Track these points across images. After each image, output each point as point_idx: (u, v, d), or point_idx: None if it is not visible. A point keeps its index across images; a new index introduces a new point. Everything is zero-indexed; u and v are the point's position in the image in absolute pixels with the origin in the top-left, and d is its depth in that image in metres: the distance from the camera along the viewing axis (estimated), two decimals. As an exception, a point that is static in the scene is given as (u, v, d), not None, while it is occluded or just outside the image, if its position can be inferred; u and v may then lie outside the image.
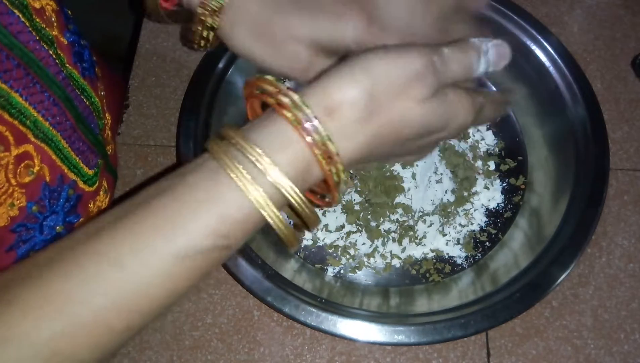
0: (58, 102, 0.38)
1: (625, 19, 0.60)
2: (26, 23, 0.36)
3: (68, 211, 0.40)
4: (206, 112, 0.50)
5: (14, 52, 0.34)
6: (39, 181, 0.36)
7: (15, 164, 0.34)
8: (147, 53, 0.58)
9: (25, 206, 0.36)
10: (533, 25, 0.53)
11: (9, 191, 0.34)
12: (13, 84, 0.34)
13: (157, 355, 0.46)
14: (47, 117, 0.37)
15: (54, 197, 0.38)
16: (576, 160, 0.48)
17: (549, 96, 0.52)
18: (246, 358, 0.46)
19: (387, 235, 0.49)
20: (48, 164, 0.37)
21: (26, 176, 0.35)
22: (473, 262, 0.49)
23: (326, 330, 0.42)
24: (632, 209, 0.51)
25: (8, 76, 0.33)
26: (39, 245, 0.38)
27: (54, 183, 0.38)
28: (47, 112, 0.37)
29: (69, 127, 0.39)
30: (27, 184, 0.35)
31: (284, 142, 0.27)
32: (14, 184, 0.34)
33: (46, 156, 0.37)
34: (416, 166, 0.49)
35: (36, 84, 0.36)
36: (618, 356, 0.45)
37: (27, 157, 0.35)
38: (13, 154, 0.34)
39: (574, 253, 0.44)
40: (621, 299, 0.47)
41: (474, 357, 0.45)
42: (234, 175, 0.26)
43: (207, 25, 0.36)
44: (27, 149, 0.35)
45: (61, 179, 0.39)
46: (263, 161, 0.26)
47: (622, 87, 0.56)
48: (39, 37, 0.37)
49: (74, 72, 0.42)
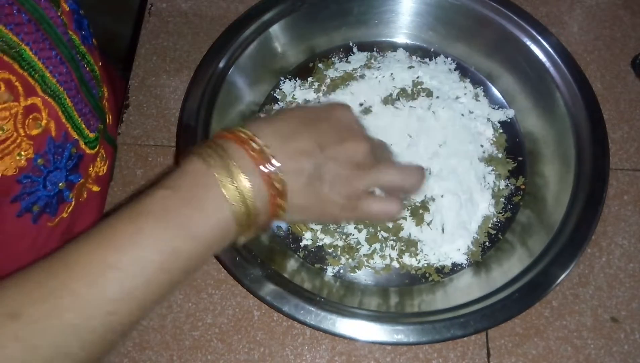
0: (64, 62, 0.40)
1: (625, 19, 0.60)
2: None
3: (70, 169, 0.42)
4: (206, 112, 0.50)
5: (25, 7, 0.35)
6: (45, 134, 0.38)
7: (24, 115, 0.36)
8: (147, 53, 0.58)
9: (32, 157, 0.37)
10: (533, 26, 0.53)
11: (17, 141, 0.35)
12: (24, 37, 0.35)
13: (157, 355, 0.46)
14: (55, 74, 0.38)
15: (58, 152, 0.40)
16: (576, 160, 0.48)
17: (549, 96, 0.52)
18: (246, 358, 0.46)
19: (385, 241, 0.49)
20: (54, 119, 0.39)
21: (34, 128, 0.37)
22: (473, 262, 0.49)
23: (326, 330, 0.42)
24: (632, 209, 0.51)
25: (19, 29, 0.35)
26: (42, 200, 0.40)
27: (59, 138, 0.39)
28: (54, 69, 0.38)
29: (73, 87, 0.41)
30: (34, 137, 0.37)
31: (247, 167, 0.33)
32: (23, 135, 0.36)
33: (53, 111, 0.38)
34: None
35: (45, 41, 0.37)
36: (618, 356, 0.45)
37: (35, 109, 0.37)
38: (22, 105, 0.35)
39: (574, 253, 0.44)
40: (621, 299, 0.47)
41: (473, 356, 0.45)
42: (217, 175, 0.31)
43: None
44: (35, 102, 0.37)
45: (65, 137, 0.40)
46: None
47: (622, 87, 0.56)
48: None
49: (75, 37, 0.43)
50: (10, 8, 0.34)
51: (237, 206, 0.31)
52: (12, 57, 0.34)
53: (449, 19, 0.56)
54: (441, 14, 0.56)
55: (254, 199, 0.32)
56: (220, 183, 0.31)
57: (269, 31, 0.54)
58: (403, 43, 0.59)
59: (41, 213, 0.41)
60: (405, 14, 0.57)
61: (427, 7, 0.56)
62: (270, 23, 0.54)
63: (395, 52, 0.58)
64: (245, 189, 0.32)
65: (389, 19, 0.58)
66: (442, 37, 0.58)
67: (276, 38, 0.55)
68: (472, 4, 0.54)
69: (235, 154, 0.32)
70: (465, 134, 0.53)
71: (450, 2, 0.55)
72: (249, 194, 0.32)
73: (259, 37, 0.54)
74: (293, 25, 0.55)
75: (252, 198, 0.32)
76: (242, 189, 0.31)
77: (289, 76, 0.57)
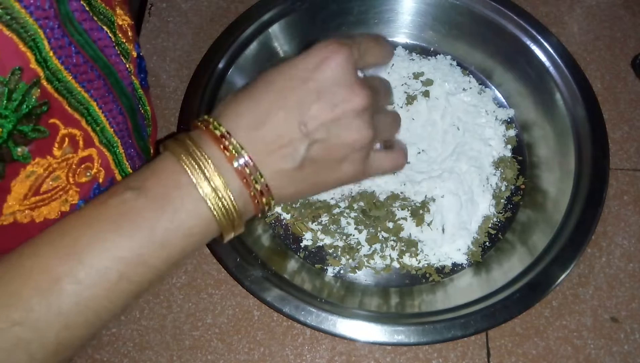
0: (123, 112, 0.40)
1: (625, 19, 0.60)
2: (112, 38, 0.37)
3: None
4: (206, 112, 0.50)
5: (98, 64, 0.35)
6: (93, 182, 0.38)
7: (77, 165, 0.35)
8: (147, 53, 0.58)
9: (77, 203, 0.37)
10: (533, 26, 0.53)
11: (65, 188, 0.35)
12: (93, 93, 0.35)
13: (157, 355, 0.46)
14: (113, 124, 0.38)
15: None
16: (576, 160, 0.48)
17: (549, 96, 0.52)
18: (246, 358, 0.45)
19: (386, 241, 0.49)
20: (105, 167, 0.38)
21: (83, 177, 0.36)
22: (473, 262, 0.49)
23: (326, 330, 0.42)
24: (632, 209, 0.51)
25: (90, 85, 0.35)
26: None
27: (105, 184, 0.39)
28: (113, 120, 0.38)
29: (127, 134, 0.41)
30: (82, 184, 0.36)
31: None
32: (72, 182, 0.36)
33: (105, 160, 0.38)
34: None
35: (110, 94, 0.37)
36: (618, 356, 0.45)
37: (89, 160, 0.36)
38: (79, 156, 0.35)
39: (574, 253, 0.44)
40: (621, 299, 0.47)
41: (474, 357, 0.45)
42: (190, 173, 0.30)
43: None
44: (91, 153, 0.36)
45: (111, 182, 0.40)
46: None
47: (622, 87, 0.56)
48: (120, 50, 0.39)
49: (136, 82, 0.43)
50: (85, 67, 0.34)
51: (215, 205, 0.29)
52: (81, 114, 0.34)
53: (449, 18, 0.56)
54: (441, 14, 0.56)
55: (233, 199, 0.30)
56: (195, 181, 0.29)
57: (268, 31, 0.54)
58: (403, 43, 0.59)
59: None
60: (405, 14, 0.57)
61: (427, 6, 0.56)
62: (270, 23, 0.54)
63: (395, 50, 0.58)
64: (221, 188, 0.29)
65: (389, 18, 0.58)
66: (442, 37, 0.58)
67: (276, 38, 0.55)
68: (472, 4, 0.54)
69: (209, 150, 0.30)
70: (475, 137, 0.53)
71: (450, 2, 0.55)
72: (226, 194, 0.30)
73: (258, 37, 0.54)
74: (293, 25, 0.55)
75: (229, 197, 0.30)
76: (218, 188, 0.29)
77: (289, 76, 0.57)
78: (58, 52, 0.31)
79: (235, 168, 0.30)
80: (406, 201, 0.49)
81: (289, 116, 0.30)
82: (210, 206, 0.30)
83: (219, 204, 0.30)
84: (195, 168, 0.29)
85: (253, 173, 0.30)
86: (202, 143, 0.30)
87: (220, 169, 0.30)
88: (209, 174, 0.29)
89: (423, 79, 0.56)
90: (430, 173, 0.51)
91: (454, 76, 0.56)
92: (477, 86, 0.56)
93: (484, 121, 0.54)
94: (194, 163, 0.29)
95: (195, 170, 0.29)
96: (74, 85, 0.33)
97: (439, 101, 0.55)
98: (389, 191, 0.50)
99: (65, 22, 0.32)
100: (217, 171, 0.30)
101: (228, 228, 0.31)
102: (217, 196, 0.30)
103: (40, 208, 0.34)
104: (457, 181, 0.50)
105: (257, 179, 0.30)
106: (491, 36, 0.55)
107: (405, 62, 0.56)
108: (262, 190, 0.31)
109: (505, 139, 0.54)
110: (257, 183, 0.31)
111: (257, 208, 0.32)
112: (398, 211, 0.49)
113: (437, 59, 0.57)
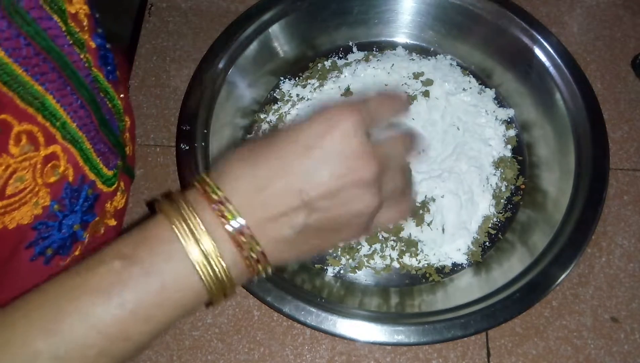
0: (85, 105, 0.39)
1: (625, 19, 0.60)
2: (62, 27, 0.36)
3: (85, 211, 0.41)
4: (206, 112, 0.50)
5: (50, 55, 0.35)
6: (63, 180, 0.37)
7: (42, 164, 0.35)
8: (147, 53, 0.58)
9: (49, 205, 0.36)
10: (533, 25, 0.53)
11: (35, 190, 0.35)
12: (48, 86, 0.34)
13: (157, 355, 0.46)
14: (75, 119, 0.37)
15: (74, 196, 0.39)
16: (576, 160, 0.48)
17: (549, 96, 0.52)
18: (246, 358, 0.45)
19: (386, 241, 0.49)
20: (72, 165, 0.38)
21: (52, 176, 0.36)
22: (473, 262, 0.49)
23: (326, 330, 0.42)
24: (632, 209, 0.51)
25: (44, 78, 0.34)
26: (56, 242, 0.39)
27: (75, 182, 0.38)
28: (75, 114, 0.37)
29: (93, 129, 0.40)
30: (52, 184, 0.36)
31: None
32: (40, 183, 0.35)
33: (72, 157, 0.38)
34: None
35: (67, 87, 0.37)
36: (618, 356, 0.45)
37: (54, 157, 0.36)
38: (42, 155, 0.35)
39: (574, 253, 0.44)
40: (621, 299, 0.47)
41: (474, 356, 0.45)
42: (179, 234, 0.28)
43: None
44: (55, 150, 0.36)
45: (82, 179, 0.39)
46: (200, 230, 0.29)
47: (622, 87, 0.56)
48: (73, 40, 0.38)
49: (99, 75, 0.42)
50: (37, 59, 0.33)
51: (207, 276, 0.28)
52: (36, 108, 0.33)
53: (449, 18, 0.56)
54: (441, 14, 0.56)
55: (227, 267, 0.28)
56: (187, 250, 0.28)
57: (268, 31, 0.54)
58: (403, 42, 0.59)
59: (54, 255, 0.40)
60: (405, 14, 0.57)
61: (427, 6, 0.56)
62: (270, 23, 0.54)
63: (395, 50, 0.58)
64: (214, 256, 0.28)
65: (389, 18, 0.58)
66: (442, 37, 0.58)
67: (276, 38, 0.55)
68: (472, 4, 0.54)
69: (204, 216, 0.28)
70: (475, 137, 0.53)
71: (450, 2, 0.55)
72: (219, 263, 0.28)
73: (258, 37, 0.54)
74: (293, 25, 0.55)
75: (222, 266, 0.28)
76: (211, 256, 0.28)
77: (288, 76, 0.57)
78: (4, 44, 0.30)
79: (231, 235, 0.29)
80: None
81: (291, 183, 0.29)
82: (202, 277, 0.28)
83: (212, 275, 0.28)
84: (188, 236, 0.28)
85: (249, 241, 0.29)
86: (198, 208, 0.29)
87: (215, 235, 0.28)
88: (203, 244, 0.28)
89: (423, 79, 0.56)
90: (430, 172, 0.51)
91: (454, 76, 0.56)
92: (477, 86, 0.56)
93: (484, 121, 0.54)
94: (187, 230, 0.28)
95: (189, 239, 0.28)
96: (25, 78, 0.32)
97: (439, 101, 0.55)
98: (389, 191, 0.50)
99: (11, 12, 0.30)
100: (211, 240, 0.28)
101: (219, 297, 0.30)
102: (210, 265, 0.28)
103: (10, 213, 0.33)
104: (457, 181, 0.50)
105: (253, 247, 0.29)
106: (491, 36, 0.55)
107: (405, 62, 0.56)
108: (258, 258, 0.29)
109: (505, 139, 0.54)
110: (252, 251, 0.29)
111: (251, 274, 0.30)
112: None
113: (437, 59, 0.57)
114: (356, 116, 0.29)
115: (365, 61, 0.57)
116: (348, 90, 0.55)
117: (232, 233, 0.28)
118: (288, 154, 0.29)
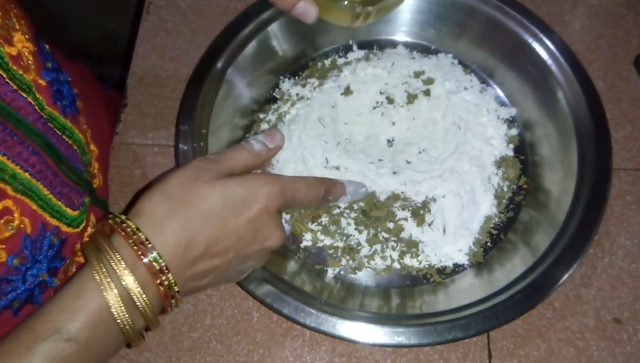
0: (38, 151, 0.37)
1: (628, 17, 0.59)
2: (3, 75, 0.35)
3: (52, 258, 0.39)
4: (205, 111, 0.50)
5: None
6: (19, 234, 0.35)
7: None
8: (145, 52, 0.58)
9: (6, 261, 0.35)
10: (535, 24, 0.53)
11: None
12: None
13: (155, 356, 0.45)
14: (27, 168, 0.36)
15: (35, 247, 0.37)
16: (579, 160, 0.48)
17: (551, 95, 0.52)
18: (245, 359, 0.45)
19: (386, 242, 0.48)
20: (29, 216, 0.36)
21: (6, 232, 0.34)
22: (474, 263, 0.49)
23: (326, 332, 0.42)
24: (634, 209, 0.51)
25: None
26: (22, 294, 0.38)
27: (35, 233, 0.37)
28: (26, 163, 0.36)
29: (50, 173, 0.38)
30: (6, 239, 0.35)
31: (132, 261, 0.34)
32: None
33: (26, 208, 0.36)
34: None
35: (14, 136, 0.35)
36: (621, 357, 0.45)
37: (6, 213, 0.35)
38: None
39: (577, 254, 0.44)
40: (624, 300, 0.47)
41: (475, 358, 0.45)
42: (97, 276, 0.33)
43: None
44: (6, 205, 0.35)
45: (43, 228, 0.38)
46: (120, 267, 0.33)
47: (624, 87, 0.56)
48: (17, 86, 0.36)
49: (53, 112, 0.40)
50: None
51: (121, 314, 0.33)
52: None
53: (450, 16, 0.56)
54: (442, 12, 0.56)
55: (147, 298, 0.33)
56: (106, 297, 0.32)
57: (267, 30, 0.54)
58: (404, 41, 0.58)
59: (22, 306, 0.39)
60: (405, 12, 0.57)
61: (428, 4, 0.56)
62: (269, 21, 0.54)
63: (395, 49, 0.58)
64: (135, 290, 0.33)
65: (389, 16, 0.57)
66: (443, 35, 0.57)
67: (275, 37, 0.55)
68: (473, 2, 0.54)
69: (128, 260, 0.33)
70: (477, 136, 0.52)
71: (451, 0, 0.55)
72: (139, 296, 0.33)
73: (257, 36, 0.53)
74: (292, 23, 0.55)
75: (142, 297, 0.33)
76: (132, 289, 0.33)
77: (288, 75, 0.57)
78: None
79: (156, 286, 0.34)
80: (407, 202, 0.49)
81: (211, 238, 0.36)
82: (118, 317, 0.33)
83: (130, 312, 0.33)
84: (105, 278, 0.33)
85: (167, 278, 0.34)
86: (121, 252, 0.33)
87: (136, 272, 0.33)
88: (124, 280, 0.33)
89: (424, 78, 0.55)
90: (431, 172, 0.50)
91: (455, 74, 0.56)
92: (479, 85, 0.56)
93: (485, 120, 0.53)
94: (106, 271, 0.33)
95: (106, 283, 0.33)
96: None
97: (440, 100, 0.54)
98: (390, 192, 0.49)
99: None
100: (132, 276, 0.33)
101: (137, 338, 0.35)
102: (132, 300, 0.33)
103: None
104: (458, 180, 0.49)
105: (170, 285, 0.35)
106: (493, 34, 0.55)
107: (406, 61, 0.56)
108: (173, 294, 0.35)
109: (507, 138, 0.53)
110: (173, 301, 0.36)
111: (166, 308, 0.36)
112: (399, 211, 0.48)
113: (438, 58, 0.57)
114: (276, 196, 0.38)
115: (365, 60, 0.56)
116: (348, 89, 0.55)
117: (157, 284, 0.34)
118: (213, 212, 0.36)
